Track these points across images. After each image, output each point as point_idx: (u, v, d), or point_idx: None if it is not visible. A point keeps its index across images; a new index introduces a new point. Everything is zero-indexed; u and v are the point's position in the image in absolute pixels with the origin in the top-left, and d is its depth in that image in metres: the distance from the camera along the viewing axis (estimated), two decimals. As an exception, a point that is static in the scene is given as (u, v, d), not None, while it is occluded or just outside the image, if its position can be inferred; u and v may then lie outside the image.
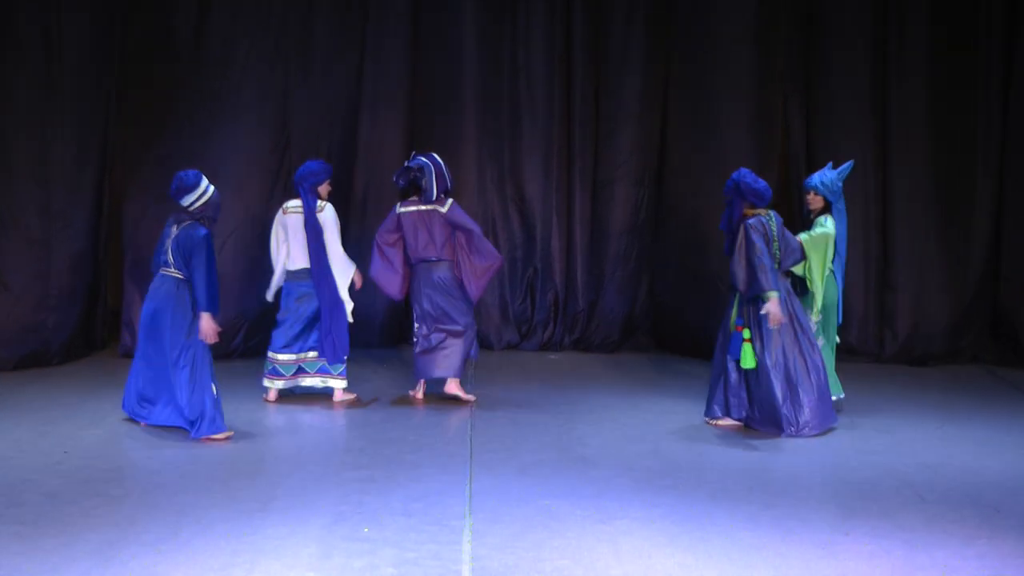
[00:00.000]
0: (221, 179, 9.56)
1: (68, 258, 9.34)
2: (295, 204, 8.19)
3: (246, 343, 9.76)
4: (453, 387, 8.32)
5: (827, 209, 8.02)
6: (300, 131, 9.93)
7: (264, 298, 8.48)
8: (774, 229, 7.45)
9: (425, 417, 7.93)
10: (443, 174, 8.20)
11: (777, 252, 7.45)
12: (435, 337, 8.23)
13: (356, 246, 9.59)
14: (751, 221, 7.36)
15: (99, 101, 9.54)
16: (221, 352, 9.55)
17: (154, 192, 9.57)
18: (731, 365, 7.51)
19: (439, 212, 8.16)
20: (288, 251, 8.18)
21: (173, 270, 7.18)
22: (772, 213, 7.55)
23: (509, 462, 6.71)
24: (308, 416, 7.87)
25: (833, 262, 7.98)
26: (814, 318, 7.85)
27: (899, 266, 10.17)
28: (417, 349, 8.29)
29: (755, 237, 7.29)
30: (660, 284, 10.50)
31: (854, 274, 9.87)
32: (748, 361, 7.38)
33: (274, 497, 5.97)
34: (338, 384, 8.25)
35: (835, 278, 8.03)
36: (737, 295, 7.44)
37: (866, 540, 5.51)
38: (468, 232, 8.20)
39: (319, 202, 8.15)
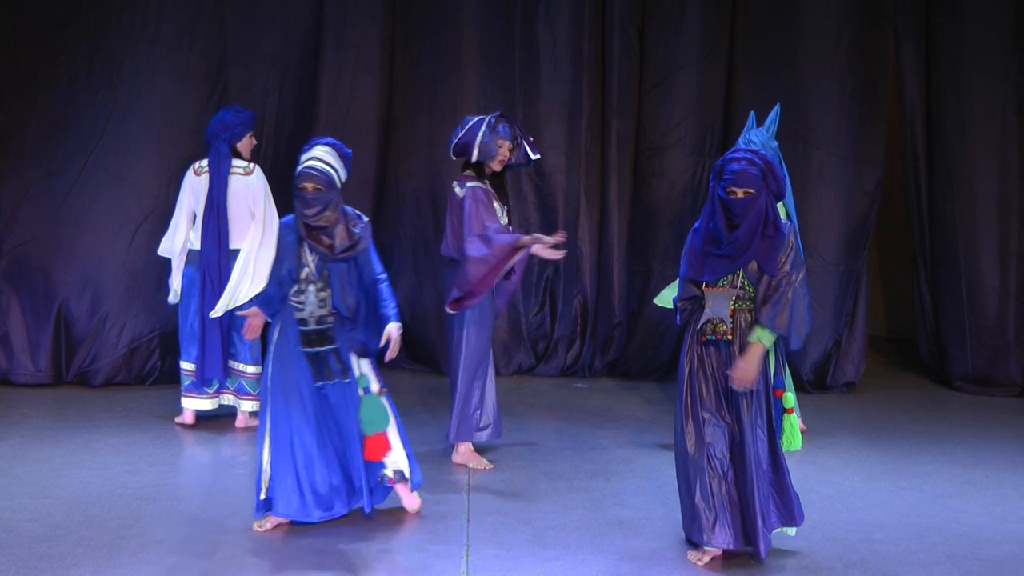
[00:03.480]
0: (134, 146, 9.60)
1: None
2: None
3: (164, 363, 9.71)
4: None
5: None
6: (240, 82, 9.98)
7: (168, 301, 8.63)
8: None
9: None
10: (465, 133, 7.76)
11: None
12: None
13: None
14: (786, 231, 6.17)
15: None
16: (133, 378, 9.62)
17: (40, 164, 9.60)
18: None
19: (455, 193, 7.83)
20: (197, 225, 8.37)
21: None
22: None
23: (519, 528, 6.65)
24: (239, 461, 7.82)
25: None
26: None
27: (1048, 265, 10.21)
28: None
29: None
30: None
31: (987, 278, 10.03)
32: (794, 441, 6.39)
33: (201, 574, 5.91)
34: (248, 405, 8.47)
35: None
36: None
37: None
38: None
39: (238, 162, 8.31)
